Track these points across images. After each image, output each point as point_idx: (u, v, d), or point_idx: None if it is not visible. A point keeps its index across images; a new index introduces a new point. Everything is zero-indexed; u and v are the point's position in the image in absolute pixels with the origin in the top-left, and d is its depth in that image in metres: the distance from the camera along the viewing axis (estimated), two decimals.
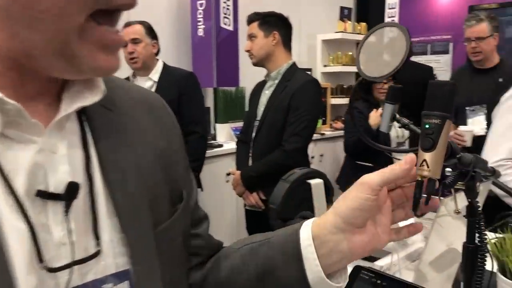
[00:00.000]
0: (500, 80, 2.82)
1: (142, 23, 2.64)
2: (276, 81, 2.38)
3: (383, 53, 0.67)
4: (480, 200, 0.98)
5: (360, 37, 4.80)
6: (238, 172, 2.42)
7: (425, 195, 0.64)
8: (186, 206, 0.64)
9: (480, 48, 2.90)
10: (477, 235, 0.87)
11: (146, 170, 0.58)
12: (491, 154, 1.74)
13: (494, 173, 0.89)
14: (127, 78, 2.73)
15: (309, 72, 4.52)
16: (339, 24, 4.77)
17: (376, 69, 0.65)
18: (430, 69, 3.79)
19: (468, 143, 2.76)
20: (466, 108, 2.87)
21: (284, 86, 2.33)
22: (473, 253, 0.86)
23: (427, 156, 0.62)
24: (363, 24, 4.92)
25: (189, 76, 2.71)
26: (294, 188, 1.09)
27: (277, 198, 1.04)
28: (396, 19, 4.78)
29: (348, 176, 3.19)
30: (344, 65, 4.76)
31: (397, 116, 1.33)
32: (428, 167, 0.62)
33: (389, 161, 3.40)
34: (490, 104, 1.88)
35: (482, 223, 0.86)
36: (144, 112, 0.63)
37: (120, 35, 0.50)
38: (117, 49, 0.50)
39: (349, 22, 4.83)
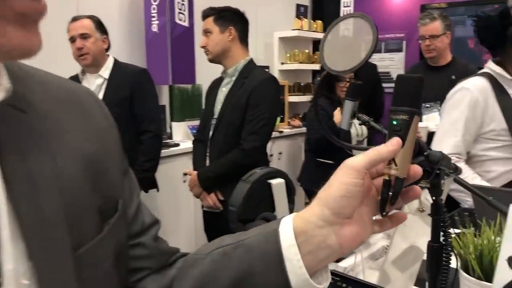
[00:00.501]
0: (453, 77, 2.90)
1: (91, 17, 2.51)
2: (233, 78, 2.33)
3: (348, 45, 0.63)
4: (443, 197, 0.97)
5: (316, 35, 4.82)
6: (195, 172, 2.34)
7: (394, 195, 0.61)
8: (121, 217, 0.57)
9: (434, 45, 2.99)
10: (441, 233, 0.85)
11: (67, 182, 0.49)
12: (437, 150, 1.77)
13: (456, 169, 0.88)
14: (76, 76, 2.59)
15: (266, 70, 4.51)
16: (295, 22, 4.77)
17: (342, 62, 0.60)
18: (374, 66, 3.86)
19: (423, 139, 2.82)
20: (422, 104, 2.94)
21: (241, 83, 2.28)
22: (438, 252, 0.84)
23: (396, 154, 0.59)
24: (319, 22, 4.95)
25: (142, 73, 2.61)
26: (255, 188, 1.04)
27: (237, 200, 0.99)
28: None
29: (310, 173, 3.19)
30: (301, 62, 4.77)
31: (357, 113, 1.31)
32: (396, 165, 0.59)
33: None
34: (443, 100, 1.94)
35: (447, 221, 0.84)
36: (70, 112, 0.54)
37: (43, 2, 0.39)
38: (37, 21, 0.40)
39: (305, 19, 4.84)
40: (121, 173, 0.60)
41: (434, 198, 0.83)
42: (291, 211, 1.09)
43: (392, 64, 4.89)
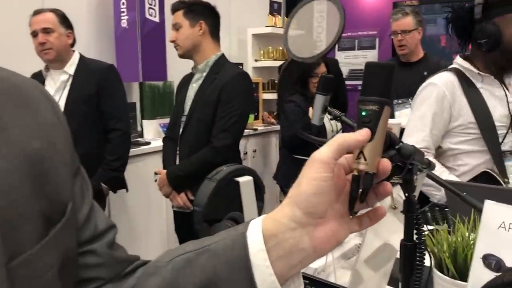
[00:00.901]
0: (425, 73, 2.91)
1: (54, 11, 2.40)
2: (204, 74, 2.26)
3: (314, 30, 0.59)
4: (416, 193, 0.94)
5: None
6: (164, 171, 2.27)
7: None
8: (70, 222, 0.51)
9: (405, 41, 3.01)
10: (415, 231, 0.81)
11: (1, 183, 0.43)
12: None
13: (429, 165, 0.84)
14: (40, 72, 2.48)
15: (240, 67, 4.45)
16: (269, 19, 4.73)
17: (307, 48, 0.56)
18: (337, 62, 3.87)
19: (396, 136, 2.83)
20: (394, 101, 2.94)
21: (212, 79, 2.21)
22: (411, 251, 0.80)
23: (364, 147, 0.55)
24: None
25: (109, 69, 2.51)
26: (221, 187, 0.98)
27: (202, 199, 0.93)
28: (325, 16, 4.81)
29: (286, 171, 3.14)
30: (275, 59, 4.73)
31: (329, 107, 1.27)
32: (365, 159, 0.55)
33: None
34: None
35: (420, 219, 0.81)
36: (11, 105, 0.49)
37: None
38: None
39: (279, 16, 4.80)
40: (71, 173, 0.54)
41: (406, 194, 0.80)
42: (260, 210, 1.04)
43: (365, 61, 4.89)
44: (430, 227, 1.43)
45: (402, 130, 2.82)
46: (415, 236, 0.80)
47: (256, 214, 0.98)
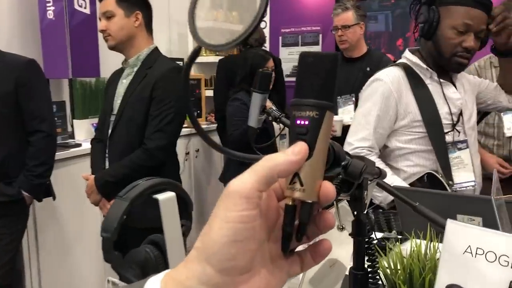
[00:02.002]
0: (368, 69, 2.86)
1: None
2: (135, 69, 2.07)
3: (228, 11, 0.44)
4: (367, 201, 0.82)
5: (233, 27, 4.63)
6: (92, 177, 2.05)
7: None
8: None
9: (346, 36, 2.97)
10: (366, 257, 0.68)
11: None
12: (347, 143, 1.70)
13: (380, 173, 0.72)
14: None
15: (180, 63, 4.24)
16: (211, 13, 4.54)
17: (220, 34, 0.41)
18: (279, 60, 3.80)
19: (338, 132, 2.77)
20: (336, 97, 2.87)
21: (144, 74, 2.02)
22: (362, 281, 0.67)
23: (301, 168, 0.40)
24: (235, 13, 4.76)
25: (28, 64, 2.24)
26: (138, 207, 0.82)
27: (111, 223, 0.76)
28: (267, 10, 4.70)
29: (233, 171, 2.96)
30: (217, 55, 4.55)
31: (268, 107, 1.13)
32: (301, 184, 0.40)
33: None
34: (358, 93, 1.84)
35: (372, 242, 0.68)
36: None
37: None
38: None
39: (221, 10, 4.62)
40: None
41: (356, 213, 0.66)
42: (187, 230, 0.88)
43: None
44: (379, 235, 1.33)
45: (345, 127, 2.77)
46: (366, 264, 0.68)
47: (179, 236, 0.82)
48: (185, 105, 0.44)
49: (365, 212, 0.66)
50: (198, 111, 4.24)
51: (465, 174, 1.64)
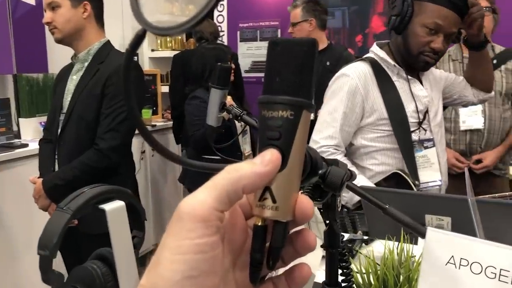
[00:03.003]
0: (328, 63, 2.83)
1: None
2: (86, 64, 1.94)
3: (184, 4, 0.36)
4: (338, 205, 0.76)
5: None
6: (40, 180, 1.91)
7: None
8: None
9: (295, 33, 3.00)
10: (340, 271, 0.62)
11: None
12: (313, 141, 1.65)
13: (352, 176, 0.66)
14: None
15: (135, 58, 4.08)
16: (166, 5, 4.39)
17: (170, 16, 0.33)
18: (236, 55, 3.72)
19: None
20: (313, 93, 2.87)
21: (95, 70, 1.89)
22: None
23: (272, 180, 0.33)
24: (192, 6, 4.64)
25: None
26: (81, 219, 0.72)
27: (50, 239, 0.66)
28: (225, 4, 4.61)
29: (194, 173, 2.84)
30: (173, 49, 4.42)
31: (229, 104, 1.05)
32: (273, 200, 0.33)
33: (240, 152, 3.16)
34: (317, 87, 1.79)
35: (346, 254, 0.61)
36: None
37: None
38: None
39: (177, 3, 4.48)
40: None
41: (328, 222, 0.60)
42: (139, 241, 0.79)
43: None
44: (346, 236, 1.29)
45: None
46: (340, 278, 0.61)
47: (130, 250, 0.73)
48: (127, 103, 0.35)
49: (337, 220, 0.60)
50: (154, 108, 4.10)
51: (431, 173, 1.62)
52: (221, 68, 0.98)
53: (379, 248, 1.19)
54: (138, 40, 0.34)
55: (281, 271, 0.38)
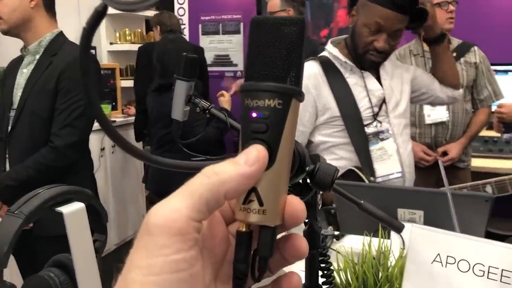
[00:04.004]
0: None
1: None
2: (37, 56, 1.82)
3: None
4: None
5: (149, 13, 4.38)
6: None
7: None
8: None
9: None
10: (320, 273, 0.59)
11: None
12: None
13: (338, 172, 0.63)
14: None
15: (93, 51, 3.92)
16: None
17: None
18: (201, 48, 3.65)
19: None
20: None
21: (48, 63, 1.78)
22: None
23: (259, 180, 0.29)
24: None
25: None
26: (39, 223, 0.66)
27: (2, 245, 0.59)
28: None
29: (158, 175, 2.73)
30: (133, 43, 4.29)
31: (194, 97, 1.00)
32: (260, 203, 0.29)
33: (221, 148, 3.07)
34: None
35: (327, 255, 0.58)
36: None
37: None
38: None
39: None
40: None
41: (307, 221, 0.56)
42: (99, 249, 0.73)
43: (230, 46, 4.73)
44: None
45: None
46: (320, 280, 0.58)
47: (92, 255, 0.67)
48: (86, 92, 0.30)
49: (317, 219, 0.56)
50: (114, 103, 3.96)
51: (390, 165, 1.62)
52: (187, 59, 0.93)
53: (350, 243, 1.17)
54: (97, 17, 0.29)
55: (265, 281, 0.34)
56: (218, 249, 0.30)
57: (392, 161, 1.63)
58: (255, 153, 0.28)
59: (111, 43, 4.24)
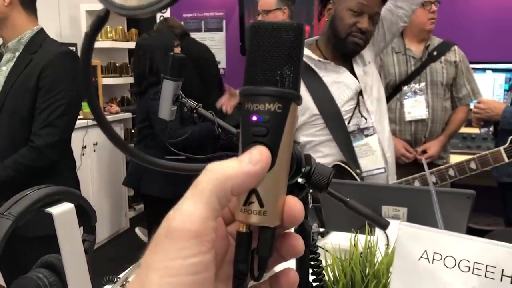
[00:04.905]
0: None
1: None
2: (17, 54, 1.78)
3: None
4: None
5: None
6: None
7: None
8: None
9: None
10: (310, 271, 0.60)
11: None
12: None
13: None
14: None
15: (73, 48, 3.86)
16: None
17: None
18: (207, 48, 3.63)
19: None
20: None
21: (28, 60, 1.75)
22: None
23: (259, 182, 0.30)
24: None
25: None
26: (29, 224, 0.65)
27: None
28: None
29: (147, 177, 2.69)
30: (114, 40, 4.24)
31: (182, 97, 1.00)
32: (261, 204, 0.30)
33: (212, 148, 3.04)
34: None
35: (317, 252, 0.59)
36: None
37: None
38: None
39: None
40: None
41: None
42: (88, 249, 0.72)
43: (213, 44, 4.71)
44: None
45: None
46: (311, 278, 0.59)
47: (81, 255, 0.67)
48: (88, 95, 0.30)
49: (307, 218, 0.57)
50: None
51: (374, 161, 1.66)
52: (174, 58, 0.93)
53: (334, 240, 1.19)
54: (100, 22, 0.29)
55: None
56: (219, 249, 0.31)
57: (376, 157, 1.66)
58: (258, 154, 0.29)
59: None
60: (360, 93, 1.67)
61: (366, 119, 1.67)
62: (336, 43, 1.66)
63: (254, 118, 0.30)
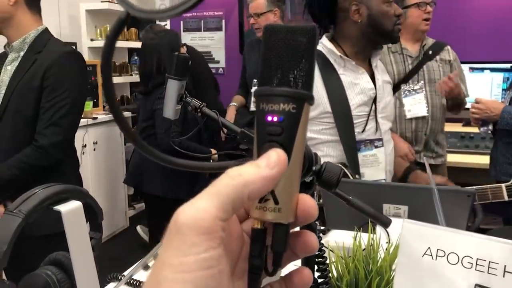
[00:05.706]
0: None
1: None
2: (22, 53, 1.79)
3: None
4: None
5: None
6: None
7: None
8: None
9: (258, 24, 2.95)
10: (316, 268, 0.61)
11: None
12: None
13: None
14: None
15: (73, 47, 3.87)
16: None
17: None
18: (192, 47, 3.64)
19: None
20: (254, 80, 2.87)
21: (33, 60, 1.76)
22: None
23: None
24: None
25: None
26: (33, 223, 0.66)
27: (1, 244, 0.60)
28: None
29: (149, 177, 2.68)
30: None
31: (186, 96, 1.01)
32: (276, 202, 0.31)
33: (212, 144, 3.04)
34: None
35: (323, 250, 0.61)
36: None
37: None
38: None
39: None
40: None
41: None
42: (95, 246, 0.73)
43: (212, 43, 4.72)
44: None
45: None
46: (316, 275, 0.60)
47: (89, 253, 0.68)
48: (107, 95, 0.31)
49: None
50: (95, 100, 3.92)
51: (376, 172, 1.65)
52: (179, 58, 0.94)
53: (336, 238, 1.20)
54: (120, 25, 0.30)
55: (275, 276, 0.36)
56: (234, 246, 0.32)
57: (380, 169, 1.65)
58: (276, 157, 0.30)
59: (91, 40, 4.19)
60: (374, 100, 1.65)
61: (377, 130, 1.66)
62: (381, 39, 1.67)
63: (269, 118, 0.31)
